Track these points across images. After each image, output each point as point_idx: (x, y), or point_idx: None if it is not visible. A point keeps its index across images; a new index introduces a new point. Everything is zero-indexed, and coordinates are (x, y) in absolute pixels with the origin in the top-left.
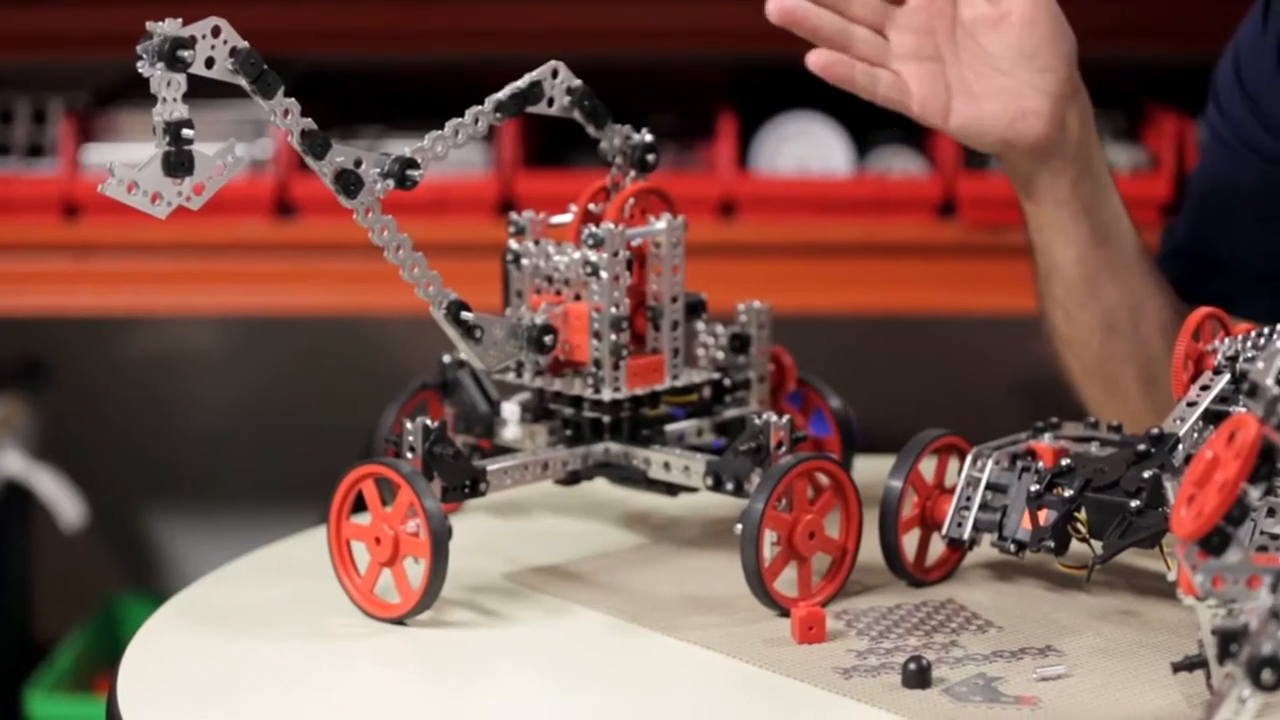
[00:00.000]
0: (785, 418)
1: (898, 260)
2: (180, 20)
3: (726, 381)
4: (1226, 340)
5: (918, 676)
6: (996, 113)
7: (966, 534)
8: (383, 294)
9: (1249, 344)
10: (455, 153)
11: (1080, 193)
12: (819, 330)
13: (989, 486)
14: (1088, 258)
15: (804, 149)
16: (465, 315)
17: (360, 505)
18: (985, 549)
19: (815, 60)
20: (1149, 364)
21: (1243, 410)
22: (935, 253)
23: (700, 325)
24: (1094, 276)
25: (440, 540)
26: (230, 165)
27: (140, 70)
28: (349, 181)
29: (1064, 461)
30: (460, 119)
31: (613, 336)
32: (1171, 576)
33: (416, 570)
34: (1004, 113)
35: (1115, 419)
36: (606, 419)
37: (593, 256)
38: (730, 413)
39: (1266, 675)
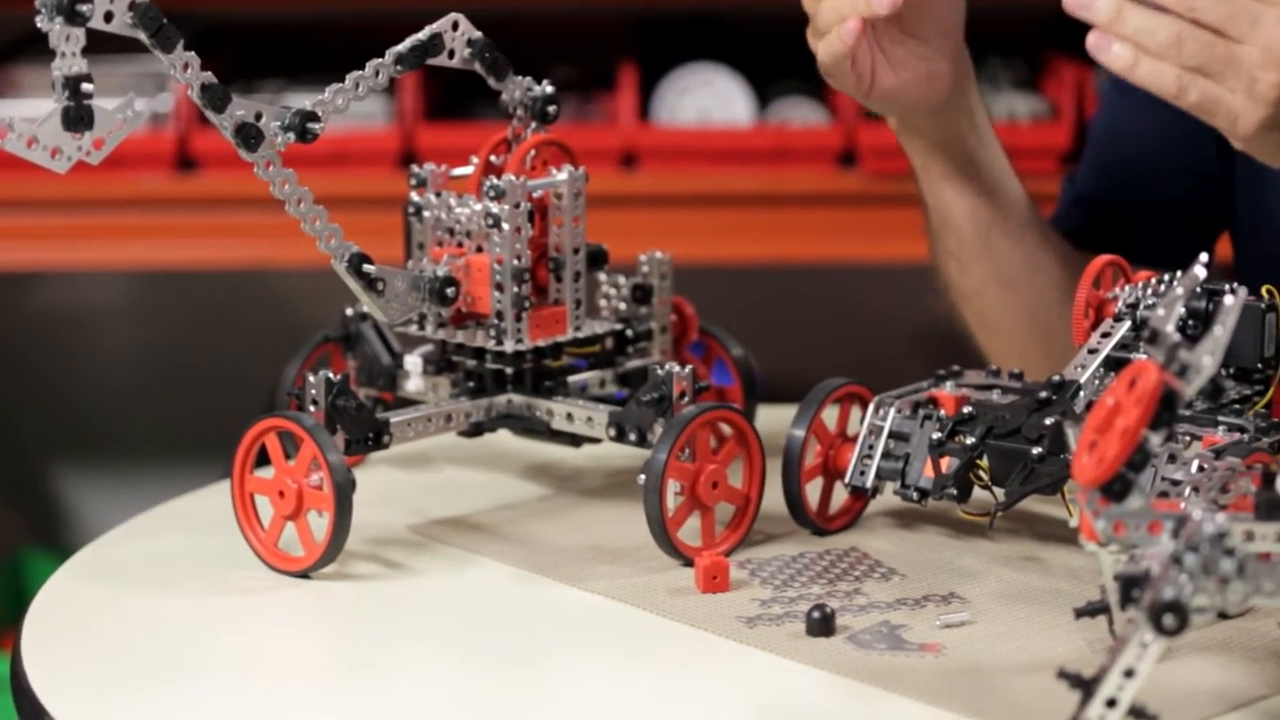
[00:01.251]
0: (688, 368)
1: (799, 210)
2: None
3: (629, 332)
4: (1127, 287)
5: (821, 625)
6: (910, 80)
7: (869, 482)
8: (284, 247)
9: (1149, 291)
10: (356, 105)
11: (967, 146)
12: (721, 280)
13: (891, 435)
14: (978, 211)
15: (705, 100)
16: (367, 268)
17: (264, 459)
18: (888, 497)
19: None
20: (1043, 315)
21: (1143, 357)
22: (836, 202)
23: (602, 276)
24: (986, 230)
25: (344, 493)
26: (130, 120)
27: (39, 25)
28: (249, 135)
29: (966, 409)
30: (361, 72)
31: (515, 288)
32: (1074, 523)
33: (320, 523)
34: (915, 78)
35: (1011, 367)
36: (509, 370)
37: (494, 208)
38: (633, 363)
39: (1168, 620)
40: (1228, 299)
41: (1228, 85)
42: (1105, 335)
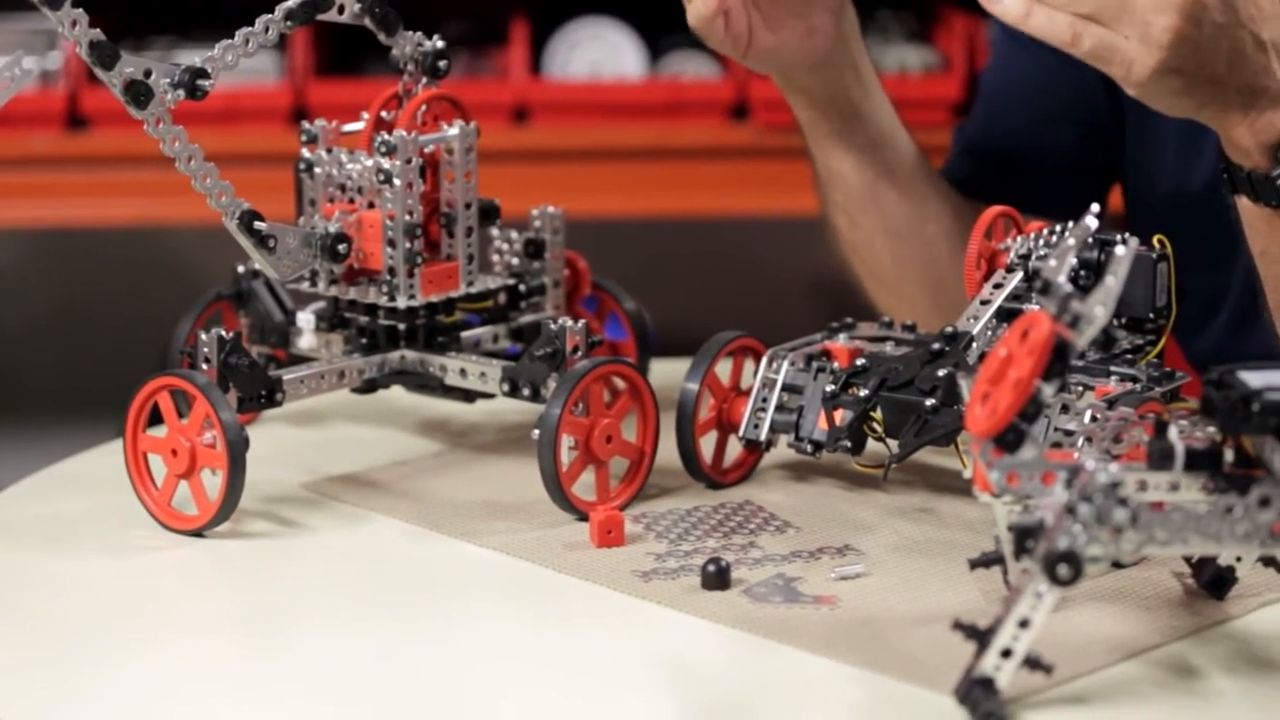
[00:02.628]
0: (580, 322)
1: (691, 163)
2: None
3: (522, 287)
4: (1019, 238)
5: (717, 578)
6: (789, 37)
7: (763, 435)
8: (176, 205)
9: (1041, 242)
10: (247, 62)
11: (852, 100)
12: (614, 234)
13: (785, 388)
14: (865, 164)
15: (597, 54)
16: (259, 225)
17: (157, 418)
18: (782, 450)
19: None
20: (934, 267)
21: (1035, 308)
22: (728, 155)
23: (494, 231)
24: (873, 183)
25: (237, 451)
26: (19, 78)
27: None
28: (139, 92)
29: (859, 361)
30: (251, 28)
31: (407, 244)
32: (967, 474)
33: (214, 482)
34: (794, 35)
35: (902, 319)
36: (402, 326)
37: (385, 164)
38: (526, 318)
39: (1062, 570)
40: (1119, 249)
41: (1122, 31)
42: (997, 286)
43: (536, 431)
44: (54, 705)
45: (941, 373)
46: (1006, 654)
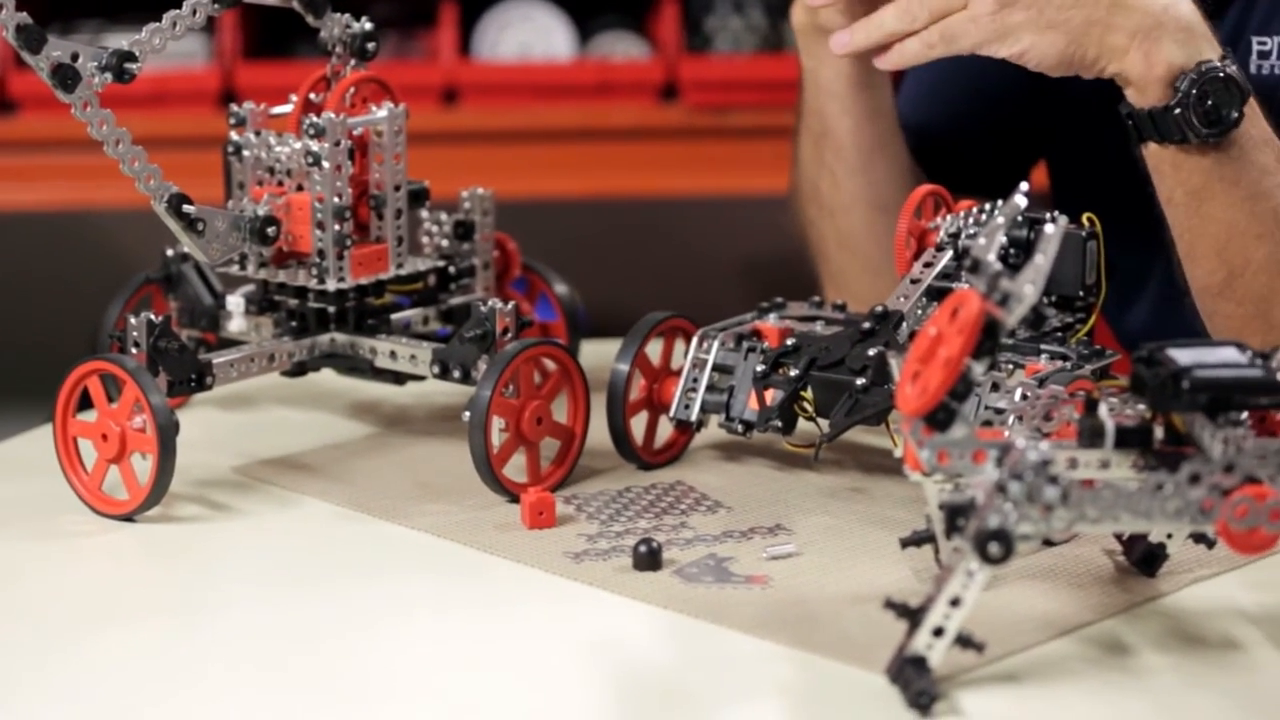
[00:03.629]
0: (510, 304)
1: (621, 144)
2: None
3: (451, 269)
4: (948, 217)
5: (648, 559)
6: None
7: (694, 415)
8: (104, 189)
9: (970, 220)
10: (175, 45)
11: (861, 68)
12: (544, 216)
13: (715, 368)
14: (863, 130)
15: (526, 35)
16: (187, 208)
17: (86, 402)
18: (713, 430)
19: None
20: None
21: (965, 286)
22: (658, 136)
23: (424, 213)
24: (869, 150)
25: (167, 435)
26: None
27: None
28: (66, 76)
29: (789, 341)
30: (178, 11)
31: (336, 226)
32: (898, 453)
33: (144, 466)
34: None
35: (863, 293)
36: (332, 309)
37: (314, 146)
38: (456, 300)
39: (993, 548)
40: (1048, 227)
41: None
42: (927, 265)
43: (467, 413)
44: None
45: (872, 352)
46: (938, 632)
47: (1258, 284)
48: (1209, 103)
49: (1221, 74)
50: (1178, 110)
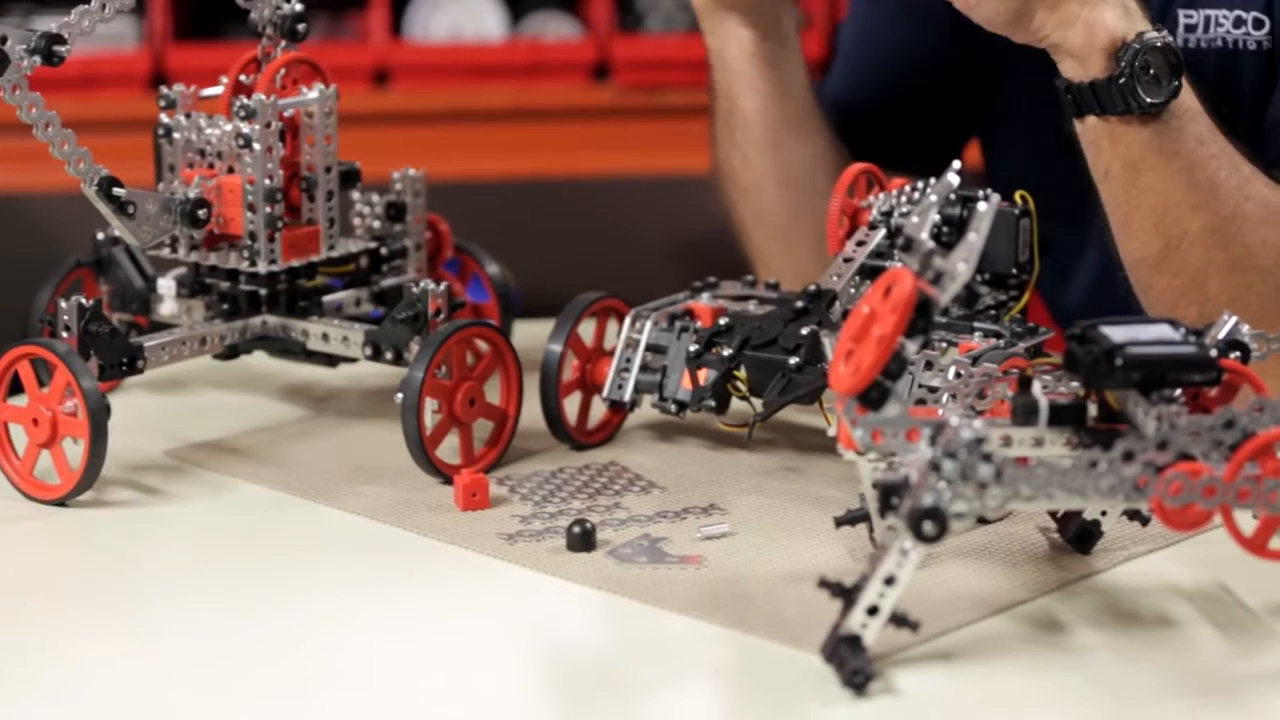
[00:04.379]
0: (443, 285)
1: (553, 124)
2: None
3: (383, 250)
4: (881, 195)
5: (582, 540)
6: None
7: (627, 396)
8: (34, 172)
9: (903, 198)
10: (105, 27)
11: (766, 48)
12: (476, 197)
13: (648, 348)
14: (770, 109)
15: (457, 15)
16: (117, 191)
17: (17, 387)
18: (646, 410)
19: None
20: (820, 216)
21: (898, 265)
22: (590, 116)
23: (355, 195)
24: (776, 129)
25: (98, 419)
26: None
27: None
28: None
29: (722, 321)
30: None
31: (267, 209)
32: (832, 432)
33: (76, 450)
34: None
35: (783, 270)
36: (264, 291)
37: (245, 128)
38: (388, 281)
39: (928, 527)
40: (981, 205)
41: None
42: (860, 244)
43: (400, 395)
44: None
45: (805, 331)
46: (873, 611)
47: (1194, 255)
48: (1151, 72)
49: (1159, 44)
50: (1122, 80)
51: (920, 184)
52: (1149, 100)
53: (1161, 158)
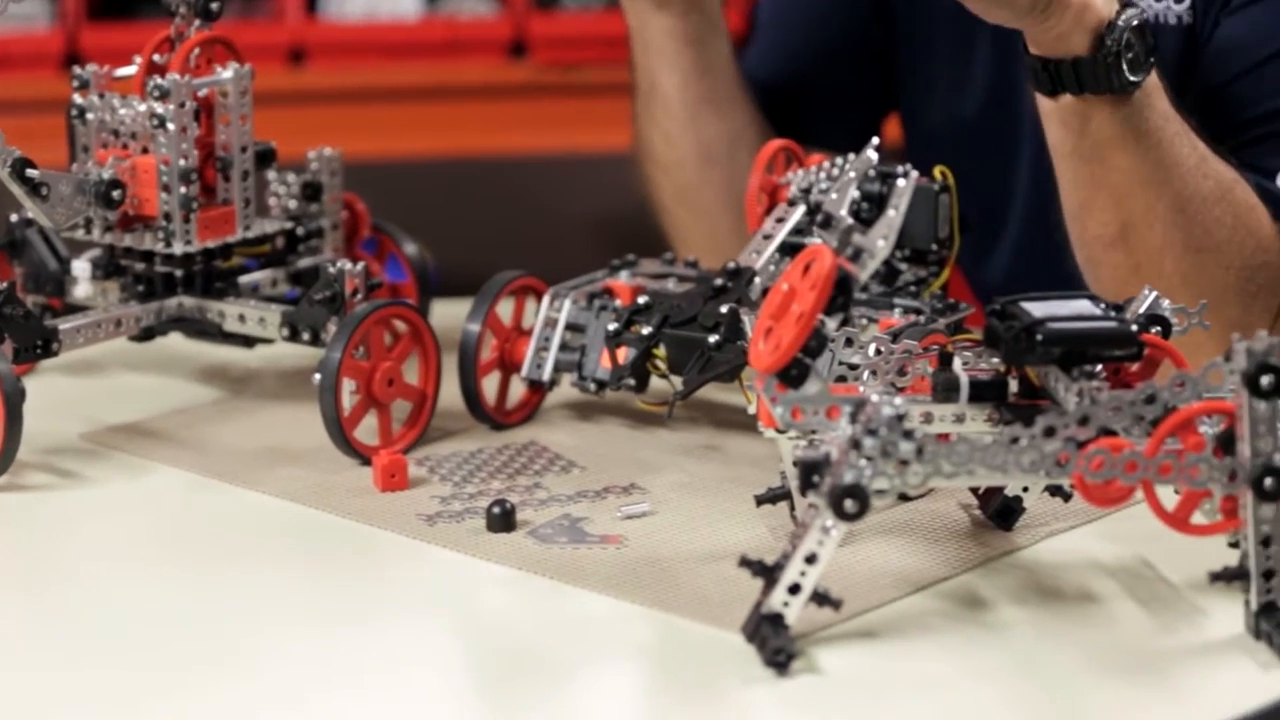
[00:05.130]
0: (360, 265)
1: (470, 103)
2: None
3: (300, 230)
4: (800, 171)
5: (502, 520)
6: None
7: (546, 375)
8: None
9: (822, 175)
10: (17, 7)
11: (688, 25)
12: (392, 176)
13: (567, 326)
14: (690, 86)
15: None
16: (31, 173)
17: None
18: (566, 389)
19: None
20: (741, 193)
21: (817, 241)
22: (507, 94)
23: (271, 175)
24: (696, 105)
25: (13, 402)
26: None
27: None
28: None
29: (641, 299)
30: None
31: (182, 189)
32: (752, 410)
33: None
34: None
35: (704, 247)
36: (179, 273)
37: (159, 109)
38: (304, 262)
39: (849, 504)
40: (900, 181)
41: None
42: (779, 220)
43: (317, 376)
44: None
45: (724, 308)
46: (794, 590)
47: (1153, 235)
48: (1133, 52)
49: (1136, 22)
50: (1109, 59)
51: (839, 160)
52: (1131, 79)
53: (1134, 135)
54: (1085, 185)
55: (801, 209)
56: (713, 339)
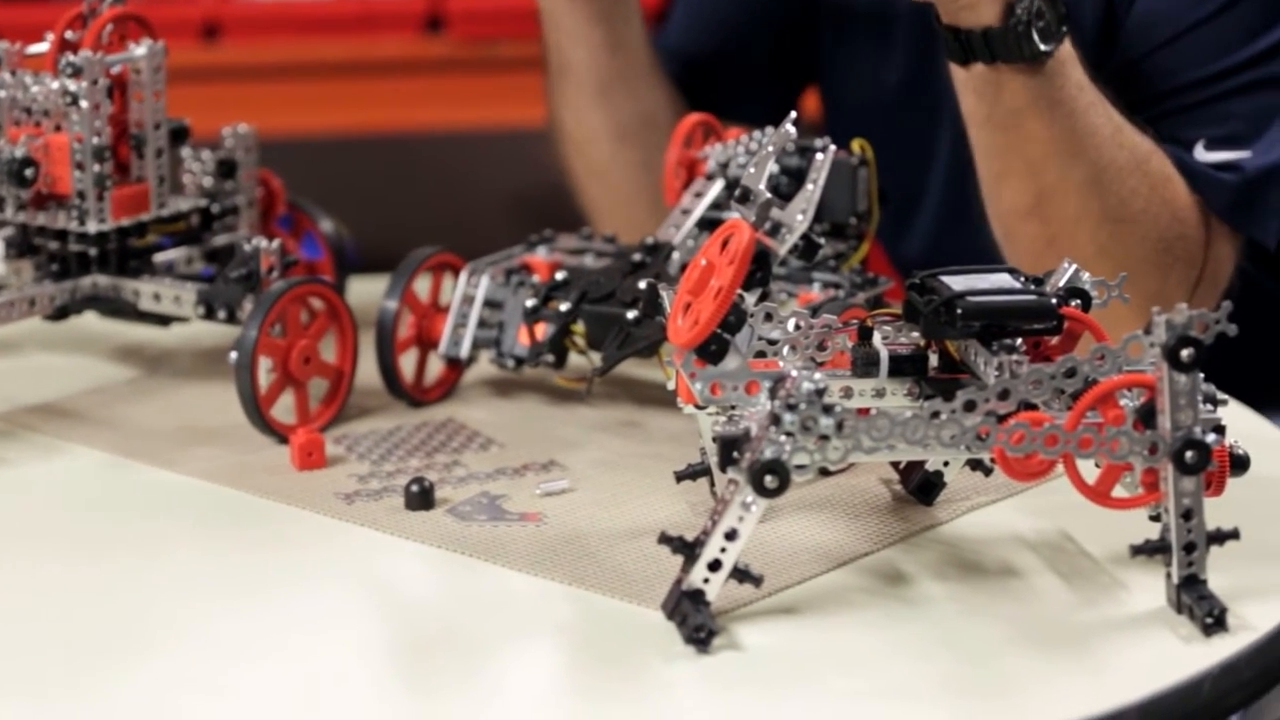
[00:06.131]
0: (276, 242)
1: (386, 78)
2: None
3: (215, 208)
4: (718, 146)
5: (420, 498)
6: None
7: (464, 352)
8: None
9: (741, 149)
10: None
11: (597, 2)
12: (308, 152)
13: (485, 303)
14: (600, 63)
15: None
16: None
17: None
18: (484, 366)
19: None
20: (655, 170)
21: (735, 216)
22: (424, 69)
23: (185, 152)
24: (606, 83)
25: None
26: None
27: None
28: None
29: (559, 275)
30: None
31: (95, 167)
32: (671, 386)
33: None
34: None
35: (619, 223)
36: (93, 251)
37: (71, 86)
38: (220, 239)
39: (769, 480)
40: (818, 155)
41: None
42: (698, 195)
43: (234, 354)
44: None
45: (643, 284)
46: (715, 566)
47: (1068, 205)
48: (1044, 20)
49: None
50: (1019, 27)
51: (758, 135)
52: (1042, 48)
53: (1047, 104)
54: (999, 155)
55: (720, 184)
56: (631, 315)
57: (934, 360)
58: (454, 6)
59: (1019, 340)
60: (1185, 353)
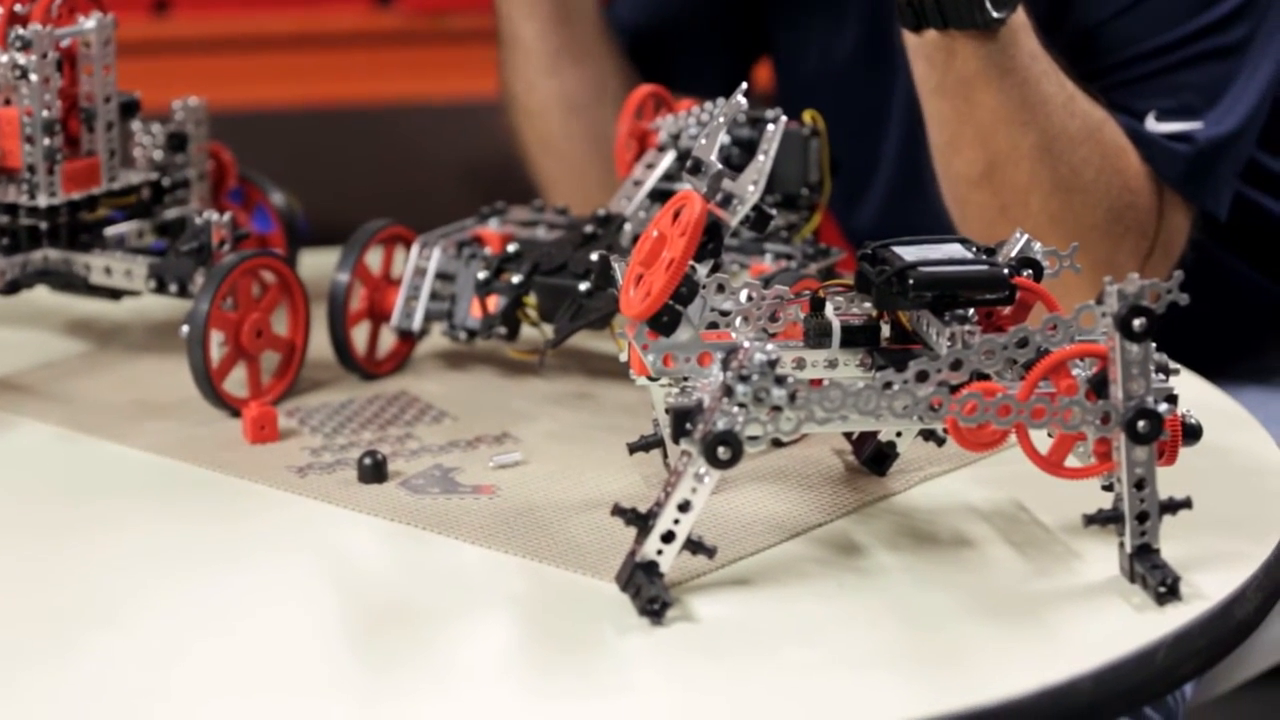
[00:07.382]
0: (227, 215)
1: (336, 51)
2: None
3: (165, 181)
4: (669, 117)
5: (373, 471)
6: None
7: (416, 324)
8: None
9: (692, 120)
10: None
11: None
12: (260, 125)
13: (437, 275)
14: (549, 34)
15: None
16: None
17: None
18: (436, 339)
19: None
20: (607, 141)
21: (687, 187)
22: (375, 41)
23: (136, 125)
24: (556, 54)
25: None
26: None
27: None
28: None
29: (511, 247)
30: None
31: (45, 141)
32: (624, 357)
33: None
34: None
35: (571, 195)
36: (44, 225)
37: (21, 59)
38: (171, 213)
39: (722, 451)
40: (770, 126)
41: None
42: (649, 167)
43: (185, 328)
44: None
45: (595, 256)
46: (668, 538)
47: (1020, 173)
48: None
49: None
50: None
51: (709, 105)
52: (995, 15)
53: (999, 72)
54: (950, 122)
55: (671, 155)
56: (583, 286)
57: (886, 331)
58: None
59: (971, 311)
60: (1137, 322)
